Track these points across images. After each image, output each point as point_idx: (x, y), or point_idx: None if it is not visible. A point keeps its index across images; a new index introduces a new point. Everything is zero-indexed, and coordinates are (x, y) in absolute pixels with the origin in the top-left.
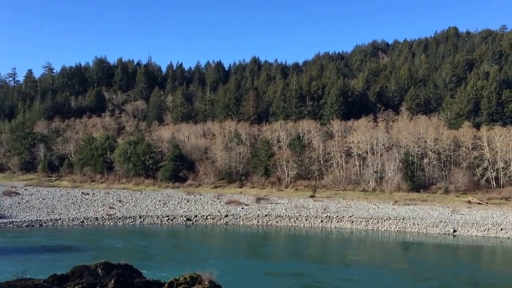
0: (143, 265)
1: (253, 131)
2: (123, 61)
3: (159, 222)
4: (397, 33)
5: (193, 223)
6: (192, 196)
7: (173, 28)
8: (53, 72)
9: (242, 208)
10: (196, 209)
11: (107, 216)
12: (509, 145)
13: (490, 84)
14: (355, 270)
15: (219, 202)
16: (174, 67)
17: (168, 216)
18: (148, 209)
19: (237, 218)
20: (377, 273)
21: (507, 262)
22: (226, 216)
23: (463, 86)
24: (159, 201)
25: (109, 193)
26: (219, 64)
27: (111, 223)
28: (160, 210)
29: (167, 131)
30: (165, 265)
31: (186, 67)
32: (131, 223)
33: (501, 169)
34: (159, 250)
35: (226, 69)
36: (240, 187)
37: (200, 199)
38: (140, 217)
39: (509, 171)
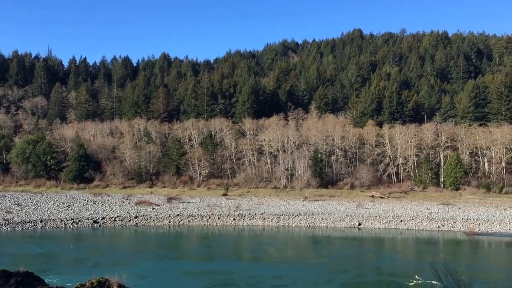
0: (46, 271)
1: (163, 129)
2: (19, 54)
3: (63, 226)
4: (306, 33)
5: (100, 225)
6: (99, 198)
7: (75, 19)
8: None
9: (152, 209)
10: (104, 210)
11: (3, 221)
12: (408, 142)
13: (391, 84)
14: (269, 266)
15: (129, 203)
16: (77, 61)
17: (72, 219)
18: (50, 212)
19: (147, 219)
20: (289, 268)
21: (406, 251)
22: (136, 217)
23: (367, 86)
24: (63, 203)
25: (5, 196)
26: (127, 60)
27: (9, 229)
28: (64, 213)
29: (71, 129)
30: (70, 270)
31: (90, 62)
32: (32, 228)
33: (401, 165)
34: (64, 255)
35: (134, 65)
36: (151, 187)
37: (108, 200)
38: (41, 221)
39: (408, 167)
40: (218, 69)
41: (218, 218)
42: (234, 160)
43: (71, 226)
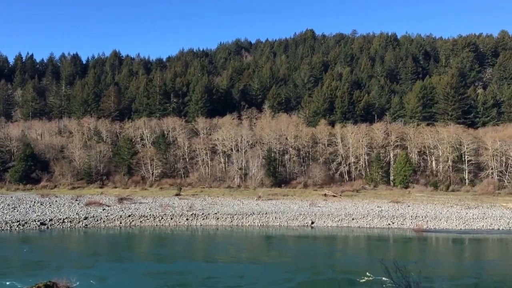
0: None
1: (114, 128)
2: None
3: (8, 228)
4: (259, 33)
5: (48, 227)
6: (47, 199)
7: (23, 16)
8: None
9: (103, 210)
10: (52, 212)
11: None
12: (359, 141)
13: (343, 84)
14: (224, 266)
15: (78, 204)
16: (24, 58)
17: (18, 221)
18: None
19: (97, 220)
20: (244, 267)
21: (358, 249)
22: (86, 218)
23: (320, 86)
24: (8, 205)
25: None
26: (76, 57)
27: None
28: (9, 215)
29: (17, 128)
30: (17, 275)
31: (37, 58)
32: None
33: (352, 164)
34: (9, 259)
35: (84, 62)
36: (101, 187)
37: (56, 201)
38: None
39: (359, 166)
40: (170, 67)
41: (171, 219)
42: (187, 160)
43: (17, 228)
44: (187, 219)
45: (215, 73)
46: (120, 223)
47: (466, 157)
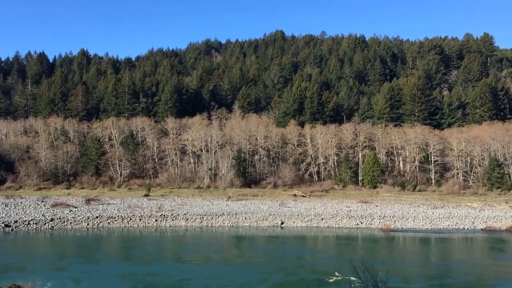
0: None
1: (82, 128)
2: None
3: None
4: (229, 33)
5: (12, 229)
6: (12, 200)
7: None
8: None
9: (70, 211)
10: (17, 214)
11: None
12: (328, 142)
13: (312, 85)
14: (193, 268)
15: (44, 205)
16: None
17: None
18: None
19: (64, 222)
20: (215, 269)
21: (327, 249)
22: (52, 220)
23: (289, 86)
24: None
25: None
26: (42, 56)
27: None
28: None
29: None
30: None
31: (3, 57)
32: None
33: (321, 164)
34: None
35: (51, 61)
36: (68, 188)
37: (21, 202)
38: None
39: (329, 166)
40: (140, 67)
41: (140, 220)
42: (156, 160)
43: None
44: (156, 220)
45: (184, 73)
46: (88, 224)
47: (432, 157)
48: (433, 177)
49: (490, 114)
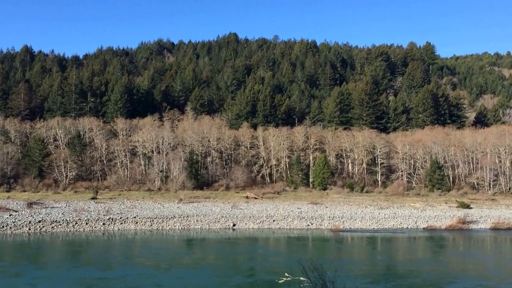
0: None
1: (24, 128)
2: None
3: None
4: (182, 34)
5: None
6: None
7: None
8: None
9: (10, 215)
10: None
11: None
12: (280, 144)
13: (265, 88)
14: (144, 272)
15: None
16: None
17: None
18: None
19: (3, 227)
20: (166, 273)
21: (278, 250)
22: None
23: (242, 89)
24: None
25: None
26: None
27: None
28: None
29: None
30: None
31: None
32: None
33: (274, 166)
34: None
35: None
36: (8, 191)
37: None
38: None
39: (281, 168)
40: (88, 65)
41: (86, 223)
42: (105, 162)
43: None
44: (103, 224)
45: (135, 73)
46: (29, 229)
47: (379, 160)
48: (379, 179)
49: (431, 119)
